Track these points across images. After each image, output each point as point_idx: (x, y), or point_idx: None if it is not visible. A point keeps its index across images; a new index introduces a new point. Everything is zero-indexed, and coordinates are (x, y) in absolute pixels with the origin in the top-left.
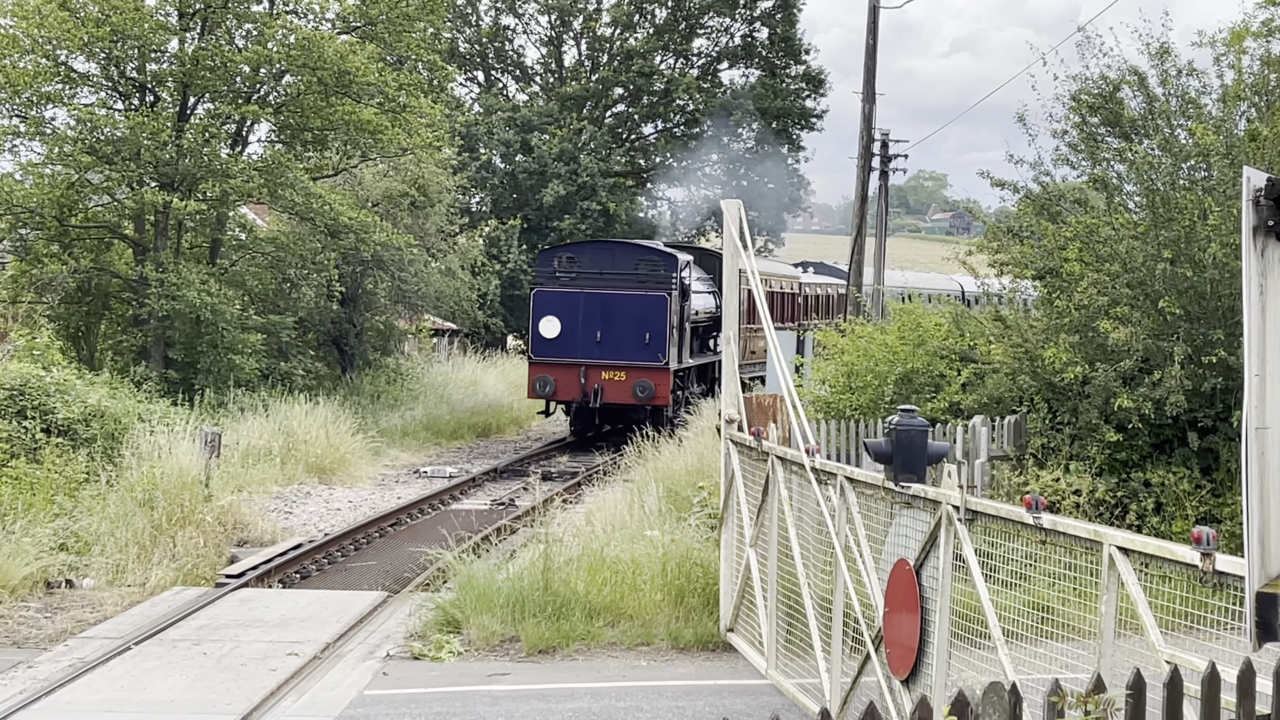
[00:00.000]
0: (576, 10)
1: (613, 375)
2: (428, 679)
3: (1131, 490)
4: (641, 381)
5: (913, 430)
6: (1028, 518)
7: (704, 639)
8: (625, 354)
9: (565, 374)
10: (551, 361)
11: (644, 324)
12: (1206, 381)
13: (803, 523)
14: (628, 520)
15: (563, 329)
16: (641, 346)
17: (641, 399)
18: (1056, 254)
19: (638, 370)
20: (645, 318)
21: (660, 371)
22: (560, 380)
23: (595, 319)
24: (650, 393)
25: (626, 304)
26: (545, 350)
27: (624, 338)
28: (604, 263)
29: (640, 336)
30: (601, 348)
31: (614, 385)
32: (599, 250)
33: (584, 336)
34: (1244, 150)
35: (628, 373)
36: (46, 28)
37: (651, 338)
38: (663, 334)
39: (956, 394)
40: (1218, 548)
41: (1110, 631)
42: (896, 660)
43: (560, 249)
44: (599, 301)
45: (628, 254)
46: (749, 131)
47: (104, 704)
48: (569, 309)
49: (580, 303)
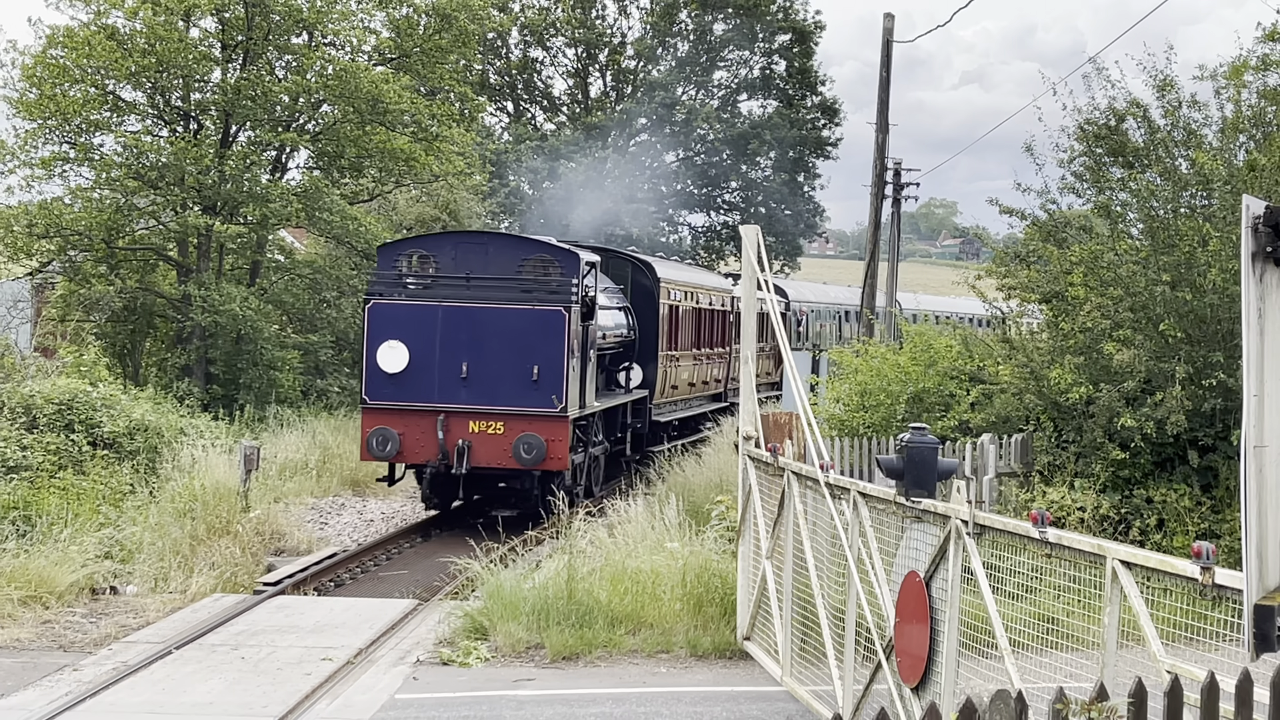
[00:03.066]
0: (602, 44)
1: (485, 427)
2: (456, 684)
3: (1134, 506)
4: (527, 437)
5: (923, 447)
6: (1034, 532)
7: (721, 647)
8: (504, 396)
9: (415, 425)
10: (395, 408)
11: (531, 351)
12: (1206, 402)
13: (817, 536)
14: (649, 532)
15: (412, 359)
16: (527, 385)
17: (527, 461)
18: (1062, 278)
19: (522, 420)
20: (533, 342)
21: (554, 421)
22: (408, 435)
23: (460, 344)
24: (540, 453)
25: (506, 322)
26: (386, 390)
27: (502, 371)
28: (473, 262)
29: (525, 370)
30: (469, 387)
31: (487, 442)
32: (466, 245)
33: (443, 370)
34: (1243, 179)
35: (507, 423)
36: (95, 58)
37: (542, 372)
38: (558, 366)
39: (965, 413)
40: (1217, 562)
41: (1113, 642)
42: (907, 669)
43: (408, 243)
44: (466, 319)
45: (507, 250)
46: (767, 160)
47: (146, 706)
48: (421, 330)
49: (438, 321)
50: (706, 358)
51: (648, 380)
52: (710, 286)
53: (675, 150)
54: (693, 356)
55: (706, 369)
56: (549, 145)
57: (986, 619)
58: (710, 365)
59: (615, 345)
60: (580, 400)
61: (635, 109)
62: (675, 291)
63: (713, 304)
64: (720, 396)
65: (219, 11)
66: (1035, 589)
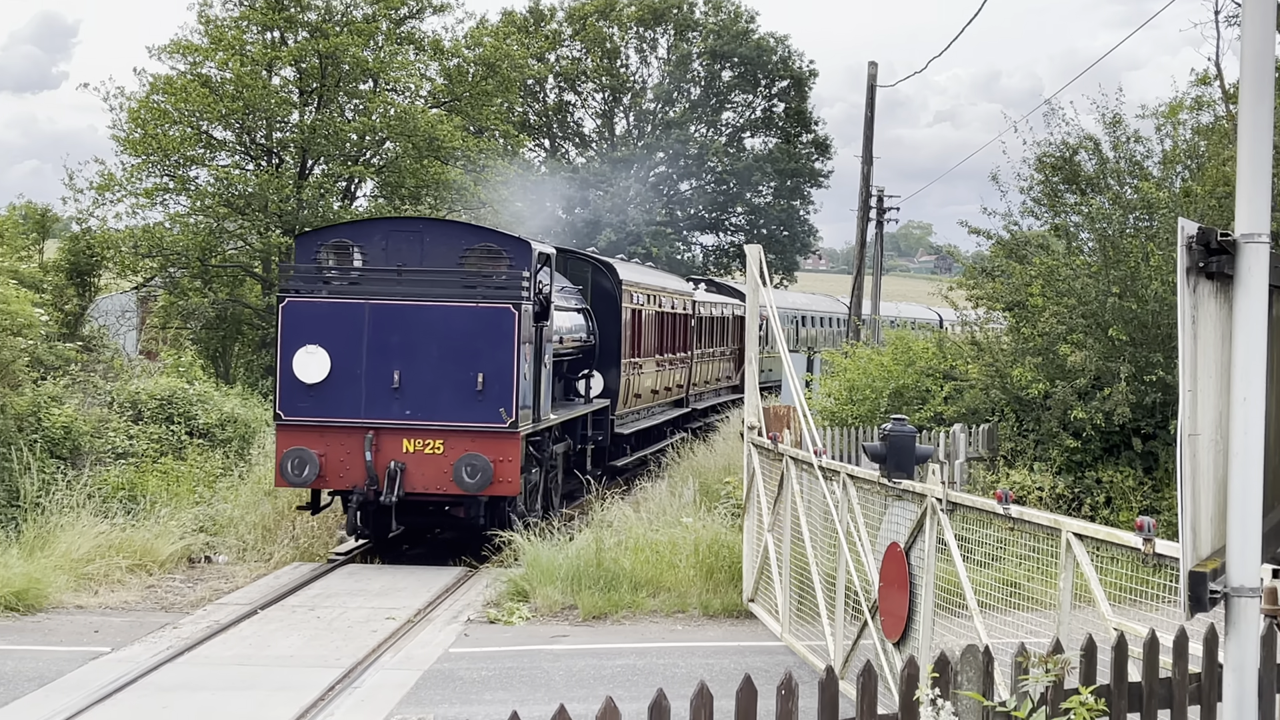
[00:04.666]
0: (626, 89)
1: (422, 446)
2: (501, 639)
3: (1085, 486)
4: (470, 457)
5: (903, 435)
6: (999, 509)
7: (729, 608)
8: (443, 409)
9: (338, 445)
10: (314, 424)
11: (475, 356)
12: (1148, 396)
13: (811, 512)
14: (667, 509)
15: (334, 367)
16: (470, 396)
17: (471, 486)
18: (1023, 290)
19: (465, 437)
20: (477, 346)
21: (503, 438)
22: (330, 457)
23: (391, 349)
24: (486, 475)
25: (446, 322)
26: (303, 404)
27: (441, 380)
28: (407, 253)
29: (468, 378)
30: (402, 399)
31: (424, 463)
32: (399, 233)
33: (371, 380)
34: (1179, 204)
35: (447, 441)
36: (191, 103)
37: (488, 380)
38: (507, 373)
39: (940, 406)
40: (1157, 534)
41: (1067, 604)
42: (889, 626)
43: (331, 230)
44: (398, 319)
45: (446, 239)
46: (768, 188)
47: (236, 658)
48: (345, 332)
49: (365, 321)
50: (669, 363)
51: (609, 389)
52: (672, 290)
53: (689, 180)
54: (655, 362)
55: (670, 375)
56: (579, 176)
57: (958, 584)
58: (673, 371)
59: (574, 351)
60: (534, 412)
61: (654, 144)
62: (638, 294)
63: (675, 308)
64: (682, 402)
65: (297, 62)
66: (1000, 558)
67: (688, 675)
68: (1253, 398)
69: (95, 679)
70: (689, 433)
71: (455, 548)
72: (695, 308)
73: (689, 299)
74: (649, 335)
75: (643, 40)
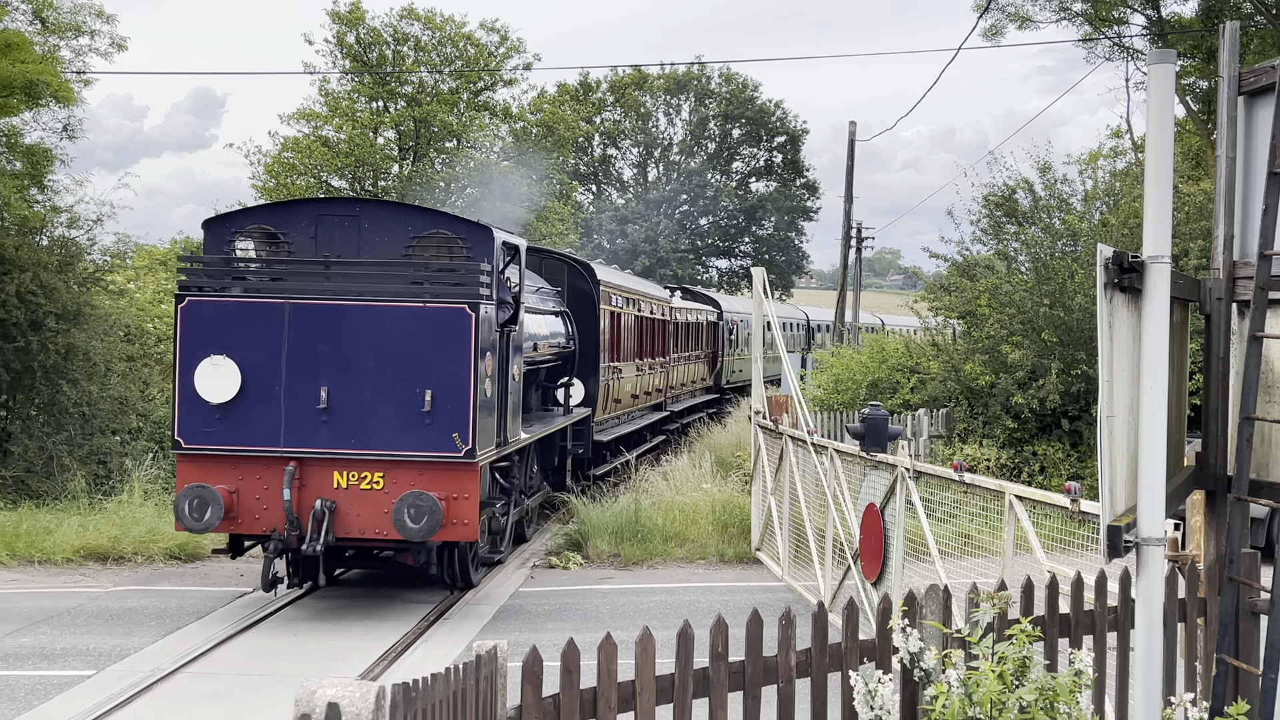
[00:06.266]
0: (656, 144)
1: (356, 480)
2: (559, 580)
3: (1024, 458)
4: (414, 496)
5: (878, 418)
6: (955, 476)
7: (740, 555)
8: (383, 435)
9: (253, 480)
10: (221, 453)
11: (422, 369)
12: (1074, 386)
13: (805, 479)
14: (691, 478)
15: (247, 383)
16: (415, 418)
17: (416, 531)
18: (973, 301)
19: (410, 468)
20: (425, 355)
21: (457, 471)
22: (243, 494)
23: (318, 360)
24: (435, 518)
25: (386, 327)
26: (209, 429)
27: (380, 399)
28: (342, 241)
29: (413, 396)
30: (332, 422)
31: (359, 501)
32: (331, 218)
33: (293, 398)
34: (1098, 233)
35: (389, 474)
36: (313, 158)
37: (439, 398)
38: (462, 388)
39: (907, 394)
40: (1082, 496)
41: (1010, 551)
42: (868, 570)
43: (248, 214)
44: (326, 322)
45: (390, 224)
46: (769, 222)
47: (347, 594)
48: (260, 340)
49: (285, 326)
50: (649, 368)
51: (590, 396)
52: (652, 295)
53: (706, 216)
54: (635, 367)
55: (649, 379)
56: (620, 214)
57: (922, 536)
58: (652, 375)
59: (553, 357)
60: (499, 434)
61: (679, 188)
62: (616, 297)
63: (654, 312)
64: (661, 406)
65: (396, 126)
66: (956, 515)
67: (708, 609)
68: (1157, 386)
69: (239, 613)
70: (667, 435)
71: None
72: (672, 313)
73: (666, 304)
74: (628, 339)
75: (669, 106)
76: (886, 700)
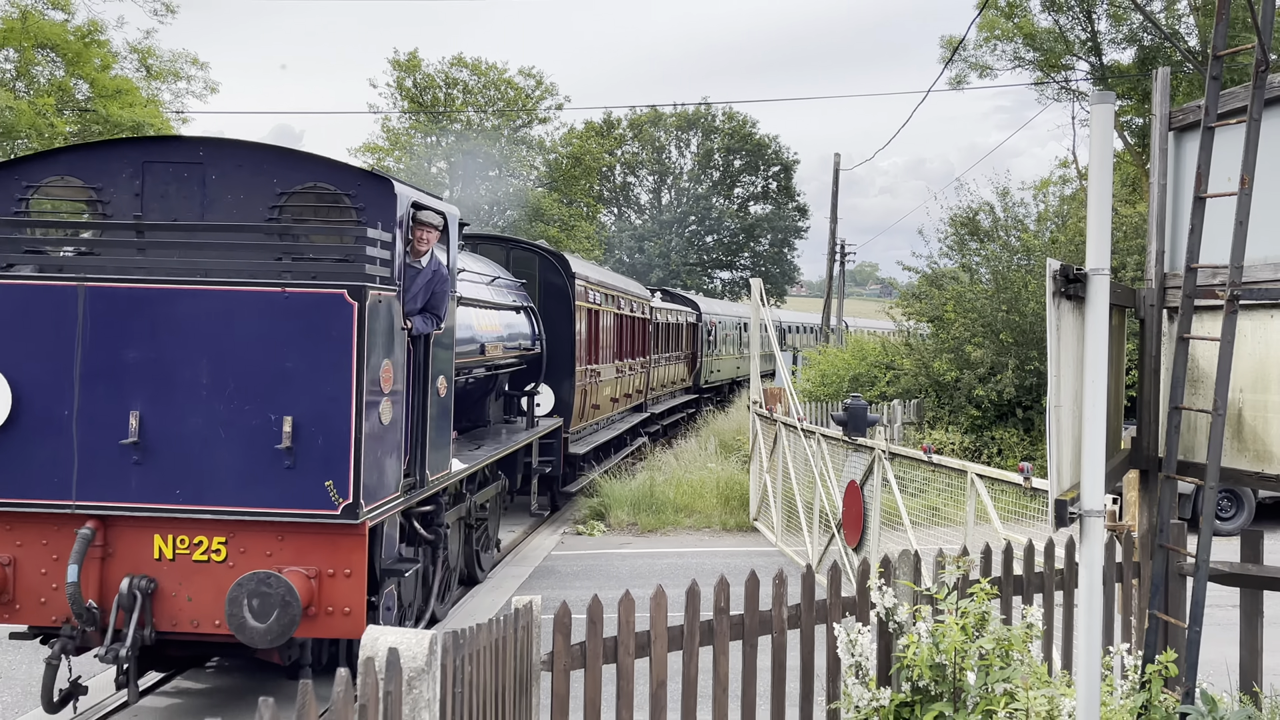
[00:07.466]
0: (669, 173)
1: (185, 547)
2: (586, 545)
3: (984, 442)
4: (258, 581)
5: (859, 407)
6: (924, 457)
7: (740, 525)
8: (223, 481)
9: (35, 545)
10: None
11: (280, 384)
12: (1027, 380)
13: (795, 459)
14: (698, 458)
15: (21, 403)
16: (270, 456)
17: (258, 633)
18: (941, 307)
19: (262, 531)
20: (285, 365)
21: (334, 535)
22: (21, 567)
23: (125, 371)
24: (289, 614)
25: (229, 322)
26: None
27: (218, 428)
28: (181, 202)
29: (265, 424)
30: (147, 463)
31: (191, 579)
32: (164, 165)
33: (89, 426)
34: (1049, 249)
35: (232, 539)
36: None
37: (303, 429)
38: (340, 413)
39: (884, 387)
40: (1033, 475)
41: (971, 521)
42: (849, 537)
43: (47, 159)
44: (139, 315)
45: (248, 174)
46: (765, 239)
47: None
48: (40, 340)
49: (78, 319)
50: (630, 369)
51: (562, 404)
52: (633, 293)
53: (712, 234)
54: (615, 368)
55: (629, 380)
56: (637, 232)
57: (896, 508)
58: (633, 376)
59: (516, 360)
60: (412, 472)
61: (688, 210)
62: (594, 293)
63: (635, 311)
64: (642, 407)
65: (448, 157)
66: (925, 490)
67: (712, 570)
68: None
69: None
70: (649, 438)
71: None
72: (654, 313)
73: (647, 304)
74: (607, 338)
75: (680, 140)
76: (865, 648)
